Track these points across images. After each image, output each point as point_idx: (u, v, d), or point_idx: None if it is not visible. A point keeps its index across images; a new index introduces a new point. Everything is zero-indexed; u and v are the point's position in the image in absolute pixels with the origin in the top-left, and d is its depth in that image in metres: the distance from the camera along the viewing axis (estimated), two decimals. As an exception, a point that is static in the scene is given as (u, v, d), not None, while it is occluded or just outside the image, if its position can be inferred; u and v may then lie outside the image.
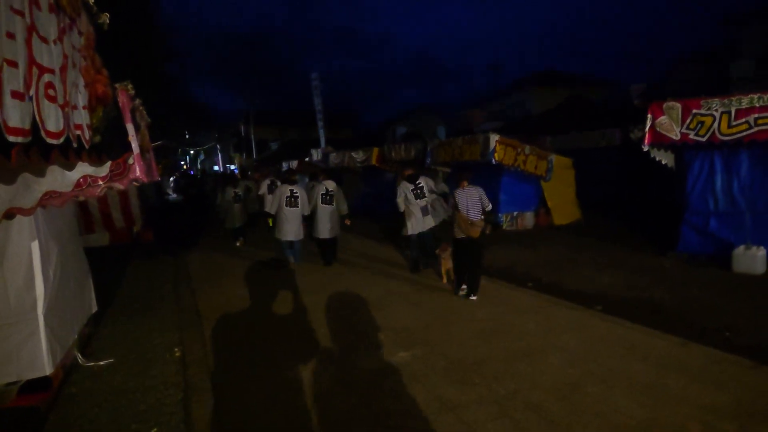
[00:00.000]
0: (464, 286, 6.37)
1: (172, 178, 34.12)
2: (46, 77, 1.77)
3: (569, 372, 4.00)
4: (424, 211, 7.77)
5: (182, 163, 57.11)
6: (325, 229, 8.63)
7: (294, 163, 23.56)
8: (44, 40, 1.76)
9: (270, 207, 8.89)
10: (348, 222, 8.89)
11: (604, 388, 3.69)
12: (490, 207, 6.42)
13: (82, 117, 2.24)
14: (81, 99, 2.26)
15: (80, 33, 2.27)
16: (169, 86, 22.04)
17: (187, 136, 43.96)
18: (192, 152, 54.91)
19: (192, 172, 47.32)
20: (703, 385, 3.65)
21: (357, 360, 4.47)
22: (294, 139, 41.02)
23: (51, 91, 1.80)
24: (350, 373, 4.20)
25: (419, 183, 7.83)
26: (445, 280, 6.97)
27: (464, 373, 4.09)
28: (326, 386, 3.98)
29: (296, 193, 8.65)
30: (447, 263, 6.86)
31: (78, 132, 2.15)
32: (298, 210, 8.60)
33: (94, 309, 5.46)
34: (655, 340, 4.58)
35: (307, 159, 22.53)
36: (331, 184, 8.83)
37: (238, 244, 11.52)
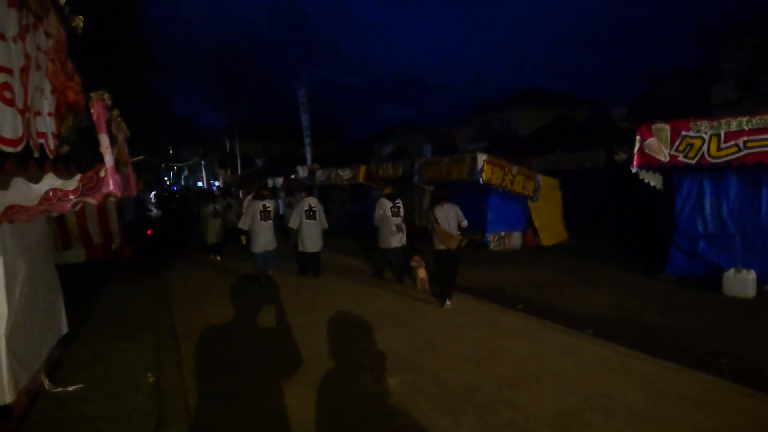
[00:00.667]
0: (442, 299, 6.84)
1: (153, 193, 33.59)
2: (1, 77, 1.58)
3: (566, 400, 3.82)
4: (398, 228, 8.33)
5: (165, 178, 56.51)
6: (311, 244, 8.94)
7: (280, 180, 23.35)
8: (1, 37, 1.58)
9: (242, 223, 8.97)
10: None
11: (603, 417, 3.52)
12: (465, 223, 7.04)
13: (46, 124, 2.04)
14: (47, 105, 2.06)
15: (48, 34, 2.09)
16: (153, 100, 21.76)
17: (170, 152, 43.50)
18: (176, 168, 54.36)
19: (175, 188, 46.78)
20: (703, 414, 3.51)
21: (343, 386, 4.24)
22: (279, 154, 40.81)
23: (7, 93, 1.61)
24: (336, 401, 3.97)
25: (397, 202, 8.43)
26: (419, 287, 7.65)
27: (456, 401, 3.89)
28: (310, 415, 3.74)
29: (268, 207, 8.92)
30: (421, 273, 7.66)
31: (41, 140, 1.95)
32: (270, 223, 8.92)
33: (65, 330, 5.16)
34: (650, 366, 4.44)
35: (293, 176, 22.32)
36: (313, 201, 9.14)
37: (217, 258, 11.61)
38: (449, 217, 6.86)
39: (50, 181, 2.70)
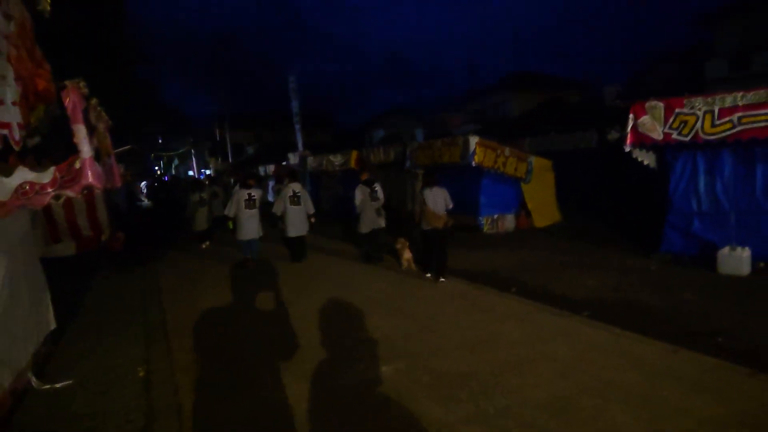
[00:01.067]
0: (429, 274, 7.47)
1: (143, 183, 33.28)
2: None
3: (561, 384, 3.78)
4: (378, 212, 8.77)
5: (156, 168, 56.00)
6: (295, 228, 9.17)
7: (271, 168, 23.16)
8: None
9: (228, 210, 9.17)
10: (312, 220, 9.42)
11: (599, 401, 3.47)
12: (452, 205, 7.53)
13: (10, 114, 1.92)
14: (9, 93, 1.94)
15: (8, 16, 1.96)
16: (140, 88, 21.41)
17: (160, 141, 43.06)
18: (166, 157, 53.86)
19: (166, 178, 46.37)
20: (701, 396, 3.47)
21: (336, 376, 4.18)
22: (270, 142, 40.50)
23: (-43, 81, 1.49)
24: (329, 391, 3.91)
25: (375, 186, 8.79)
26: (404, 267, 8.11)
27: (450, 388, 3.84)
28: (303, 406, 3.68)
29: (253, 196, 9.10)
30: (406, 254, 8.12)
31: (4, 131, 1.84)
32: (255, 211, 9.08)
33: (53, 326, 5.05)
34: (647, 348, 4.41)
35: (284, 163, 22.13)
36: (297, 186, 9.34)
37: (203, 246, 11.83)
38: (437, 199, 7.33)
39: (23, 175, 2.58)
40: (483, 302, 6.09)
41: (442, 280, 7.19)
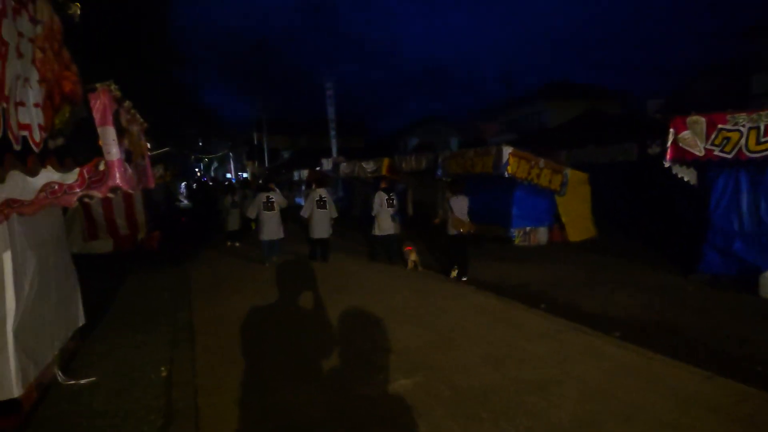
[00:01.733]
0: (454, 274, 8.27)
1: (183, 184, 34.11)
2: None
3: (587, 407, 3.61)
4: (392, 218, 9.55)
5: (196, 170, 57.43)
6: (321, 231, 9.71)
7: (305, 173, 23.41)
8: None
9: (249, 212, 10.02)
10: (332, 222, 10.05)
11: (626, 428, 3.31)
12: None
13: (32, 115, 1.95)
14: (32, 95, 1.97)
15: (34, 20, 1.99)
16: (181, 92, 22.00)
17: (200, 144, 44.13)
18: (206, 159, 55.16)
19: (205, 179, 47.51)
20: (734, 426, 3.27)
21: (354, 386, 4.12)
22: (305, 147, 41.03)
23: (-28, 82, 1.51)
24: (346, 401, 3.85)
25: (392, 195, 9.64)
26: (410, 267, 8.91)
27: (470, 405, 3.72)
28: (319, 415, 3.64)
29: (272, 198, 9.71)
30: (413, 256, 8.96)
31: (24, 132, 1.86)
32: (275, 213, 9.67)
33: (81, 322, 5.17)
34: (679, 372, 4.18)
35: (318, 168, 22.34)
36: (323, 191, 9.87)
37: (236, 245, 12.59)
38: (462, 206, 8.21)
39: (48, 175, 2.63)
40: (510, 317, 5.93)
41: (464, 279, 8.08)
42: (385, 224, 9.48)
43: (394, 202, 9.61)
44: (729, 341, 5.05)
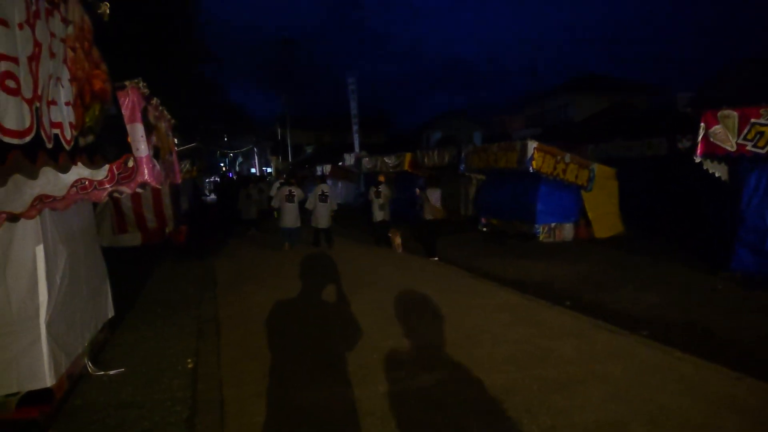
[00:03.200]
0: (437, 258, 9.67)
1: (208, 180, 34.62)
2: (3, 65, 1.52)
3: (612, 408, 3.56)
4: (380, 207, 11.37)
5: (221, 165, 58.21)
6: (322, 221, 11.12)
7: (327, 167, 23.51)
8: (3, 23, 1.52)
9: (274, 203, 11.72)
10: (332, 214, 11.37)
11: (651, 429, 3.25)
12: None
13: (63, 114, 1.99)
14: (63, 94, 2.02)
15: (65, 21, 2.03)
16: (206, 88, 22.28)
17: (225, 139, 44.70)
18: (231, 155, 55.84)
19: (231, 174, 48.15)
20: (764, 429, 3.18)
21: (376, 382, 4.13)
22: (328, 143, 41.22)
23: (10, 82, 1.55)
24: (367, 398, 3.86)
25: (380, 188, 11.31)
26: (399, 250, 10.50)
27: (493, 403, 3.70)
28: (340, 411, 3.67)
29: (293, 192, 11.09)
30: (397, 239, 10.62)
31: (56, 131, 1.91)
32: (295, 205, 11.08)
33: (111, 314, 5.30)
34: (708, 373, 4.09)
35: (340, 164, 22.40)
36: (325, 187, 11.43)
37: (255, 231, 14.36)
38: (437, 197, 9.87)
39: (78, 171, 2.70)
40: (534, 315, 5.87)
41: (435, 258, 9.60)
42: (374, 213, 11.46)
43: (381, 194, 11.28)
44: (760, 342, 4.91)
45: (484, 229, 12.77)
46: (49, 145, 1.84)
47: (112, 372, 4.46)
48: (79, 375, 4.25)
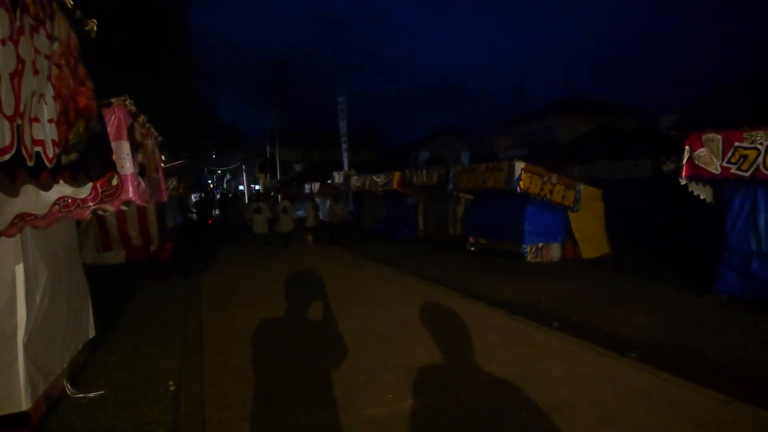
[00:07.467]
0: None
1: (194, 196, 34.33)
2: (-18, 82, 1.48)
3: (601, 430, 3.52)
4: (316, 216, 16.41)
5: (209, 182, 57.90)
6: (284, 227, 14.89)
7: (316, 185, 23.49)
8: (-16, 39, 1.49)
9: (246, 214, 15.49)
10: (294, 223, 15.47)
11: (642, 454, 3.21)
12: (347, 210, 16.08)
13: (46, 131, 1.95)
14: (47, 111, 1.98)
15: (51, 37, 2.00)
16: (197, 105, 22.24)
17: (213, 156, 44.55)
18: (219, 171, 55.59)
19: (217, 191, 47.84)
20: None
21: (362, 405, 4.05)
22: (317, 160, 41.24)
23: (-10, 99, 1.51)
24: (353, 421, 3.79)
25: (315, 200, 17.14)
26: (309, 247, 14.99)
27: (481, 426, 3.64)
28: (327, 435, 3.59)
29: (260, 206, 14.83)
30: (309, 238, 15.76)
31: (38, 148, 1.86)
32: (262, 216, 14.63)
33: (92, 334, 5.17)
34: (697, 396, 4.07)
35: (329, 181, 22.40)
36: (287, 203, 15.44)
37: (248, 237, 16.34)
38: (342, 206, 15.60)
39: (61, 189, 2.65)
40: (522, 336, 5.84)
41: (337, 248, 14.43)
42: (310, 219, 16.27)
43: (318, 206, 17.11)
44: (748, 364, 4.91)
45: (473, 249, 12.77)
46: (30, 163, 1.80)
47: (91, 394, 4.33)
48: (57, 397, 4.12)
